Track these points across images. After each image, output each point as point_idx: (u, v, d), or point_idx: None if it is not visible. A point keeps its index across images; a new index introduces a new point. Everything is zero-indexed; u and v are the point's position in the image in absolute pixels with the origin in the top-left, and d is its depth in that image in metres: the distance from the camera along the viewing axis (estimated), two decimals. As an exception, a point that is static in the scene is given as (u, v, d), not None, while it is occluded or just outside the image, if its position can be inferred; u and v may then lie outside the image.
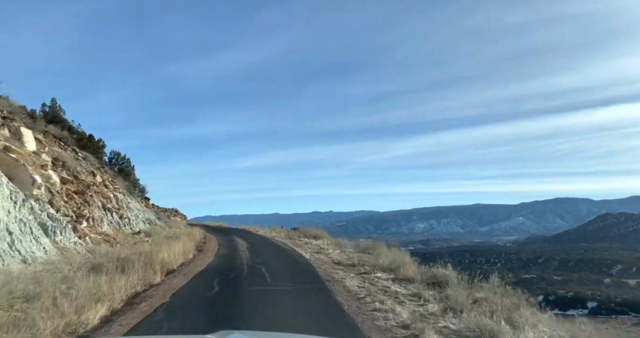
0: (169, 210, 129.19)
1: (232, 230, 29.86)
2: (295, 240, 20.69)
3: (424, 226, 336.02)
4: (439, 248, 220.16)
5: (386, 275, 9.42)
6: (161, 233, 20.43)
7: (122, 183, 24.98)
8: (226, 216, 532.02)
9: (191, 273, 9.56)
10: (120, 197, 20.15)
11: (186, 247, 14.03)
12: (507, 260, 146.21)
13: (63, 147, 18.52)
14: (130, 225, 19.60)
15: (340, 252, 15.02)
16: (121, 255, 9.92)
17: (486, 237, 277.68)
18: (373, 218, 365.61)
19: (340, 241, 18.68)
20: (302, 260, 12.62)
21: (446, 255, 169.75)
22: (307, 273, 9.80)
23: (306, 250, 15.32)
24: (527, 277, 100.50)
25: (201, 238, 20.24)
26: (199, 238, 19.46)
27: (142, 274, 8.20)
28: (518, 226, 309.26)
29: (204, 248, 15.96)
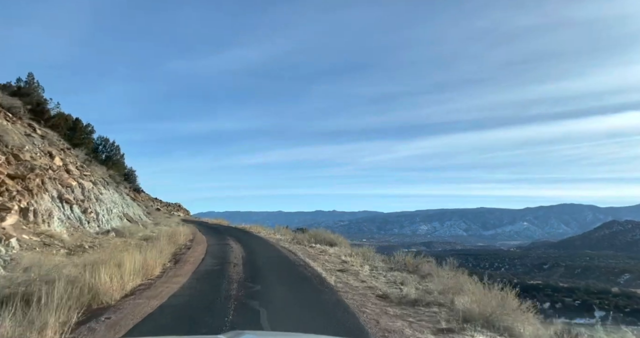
0: (172, 205, 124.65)
1: (230, 230, 25.17)
2: (306, 247, 16.31)
3: (427, 228, 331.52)
4: (441, 251, 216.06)
5: (489, 334, 4.93)
6: (138, 233, 16.23)
7: (100, 171, 20.88)
8: (230, 212, 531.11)
9: (122, 326, 4.84)
10: (88, 186, 15.67)
11: (160, 255, 9.68)
12: (511, 265, 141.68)
13: (10, 119, 14.15)
14: (97, 222, 15.26)
15: (371, 269, 10.53)
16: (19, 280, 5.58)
17: (490, 241, 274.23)
18: (376, 218, 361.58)
19: (366, 251, 13.96)
20: (326, 287, 7.62)
21: (449, 259, 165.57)
22: (344, 325, 5.19)
23: (324, 266, 10.79)
24: (532, 283, 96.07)
25: (187, 240, 16.14)
26: (183, 241, 15.33)
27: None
28: (522, 231, 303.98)
29: (184, 258, 11.53)
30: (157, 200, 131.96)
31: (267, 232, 23.61)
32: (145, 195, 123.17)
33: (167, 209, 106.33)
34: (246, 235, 21.64)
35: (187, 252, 13.05)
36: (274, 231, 24.09)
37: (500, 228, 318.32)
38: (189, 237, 17.23)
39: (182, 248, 13.95)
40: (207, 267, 9.78)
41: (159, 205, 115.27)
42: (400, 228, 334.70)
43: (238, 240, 17.53)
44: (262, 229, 25.60)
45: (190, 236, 17.57)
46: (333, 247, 15.92)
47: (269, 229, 25.93)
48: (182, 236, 16.17)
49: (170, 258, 11.21)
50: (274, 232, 23.65)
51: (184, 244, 14.84)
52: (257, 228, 26.07)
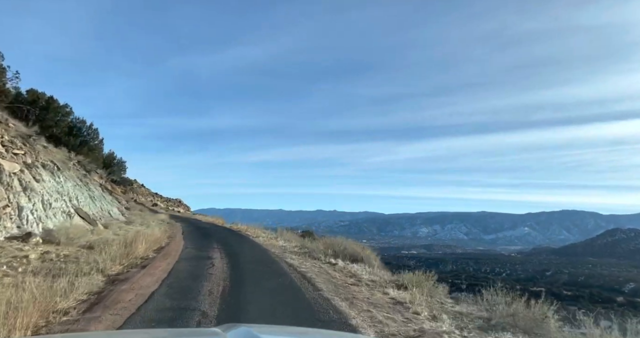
0: (173, 200, 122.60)
1: (222, 233, 19.90)
2: (324, 264, 11.16)
3: (427, 231, 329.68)
4: (442, 254, 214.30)
5: None
6: (83, 237, 11.47)
7: (61, 155, 17.03)
8: (230, 209, 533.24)
9: None
10: (11, 169, 11.28)
11: (53, 295, 5.78)
12: (513, 271, 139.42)
13: None
14: (19, 220, 10.52)
15: (461, 327, 5.80)
16: None
17: (490, 246, 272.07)
18: (377, 220, 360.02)
19: (419, 280, 8.76)
20: None
21: (450, 262, 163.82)
22: None
23: (374, 320, 5.69)
24: (535, 289, 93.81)
25: (153, 250, 11.38)
26: (143, 253, 10.40)
27: None
28: (523, 236, 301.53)
29: (109, 299, 6.18)
30: (157, 195, 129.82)
31: (268, 236, 18.48)
32: (146, 190, 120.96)
33: (167, 205, 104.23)
34: (241, 240, 16.37)
35: (131, 278, 7.66)
36: (276, 235, 19.12)
37: (501, 233, 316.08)
38: (160, 243, 12.58)
39: (130, 267, 8.85)
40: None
41: (158, 200, 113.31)
42: (400, 230, 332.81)
43: (228, 250, 12.48)
44: (262, 232, 20.90)
45: (162, 242, 12.95)
46: (358, 263, 11.32)
47: (269, 232, 21.15)
48: (147, 243, 11.29)
49: (81, 298, 5.88)
50: (277, 236, 18.56)
51: (141, 258, 9.94)
52: (255, 231, 21.00)
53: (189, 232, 18.17)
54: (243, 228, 22.95)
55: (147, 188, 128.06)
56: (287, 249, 14.41)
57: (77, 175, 16.49)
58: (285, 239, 17.20)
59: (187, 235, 16.40)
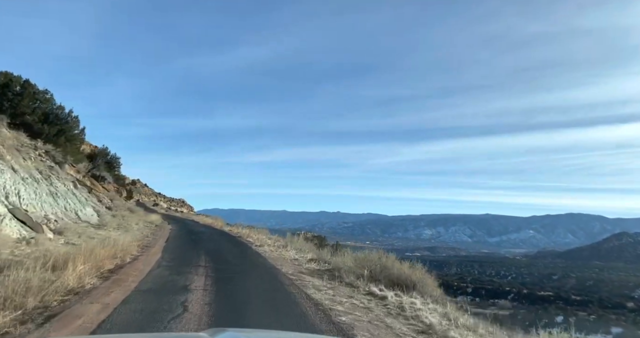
0: (176, 201, 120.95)
1: (219, 240, 15.94)
2: (359, 293, 7.34)
3: (431, 233, 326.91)
4: (446, 256, 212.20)
5: None
6: (3, 250, 7.73)
7: (13, 141, 14.07)
8: (234, 210, 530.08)
9: None
10: None
11: None
12: (518, 274, 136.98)
13: None
14: None
15: None
16: None
17: (495, 248, 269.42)
18: (380, 221, 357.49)
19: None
20: None
21: (454, 265, 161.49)
22: None
23: None
24: (542, 294, 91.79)
25: (86, 280, 6.93)
26: (70, 283, 5.98)
27: None
28: (528, 239, 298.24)
29: None
30: (160, 195, 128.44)
31: (274, 244, 14.76)
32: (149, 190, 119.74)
33: (170, 205, 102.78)
34: (240, 252, 12.25)
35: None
36: (284, 242, 15.16)
37: (505, 236, 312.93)
38: (124, 257, 8.66)
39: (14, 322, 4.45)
40: None
41: (161, 200, 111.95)
42: (404, 232, 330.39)
43: (219, 272, 8.46)
44: (267, 237, 17.01)
45: (129, 255, 9.04)
46: (412, 293, 7.61)
47: (276, 237, 17.40)
48: (99, 260, 7.43)
49: None
50: (285, 244, 14.59)
51: (64, 292, 5.71)
52: (258, 236, 17.00)
53: (176, 238, 14.60)
54: (244, 232, 18.86)
55: (150, 188, 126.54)
56: (303, 266, 10.26)
57: (36, 166, 13.56)
58: (297, 248, 13.32)
59: (172, 244, 12.37)
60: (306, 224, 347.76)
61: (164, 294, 6.13)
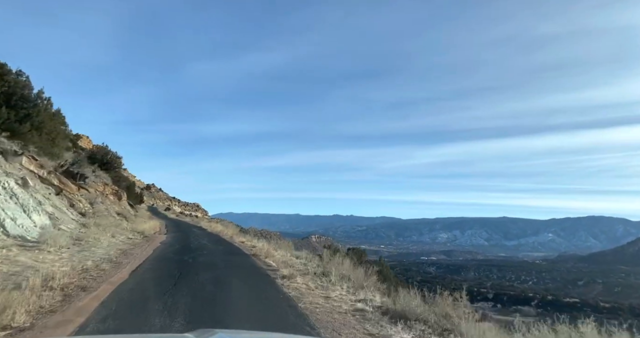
0: (190, 205, 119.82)
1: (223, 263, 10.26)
2: None
3: (447, 236, 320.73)
4: (462, 260, 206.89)
5: None
6: None
7: None
8: (248, 214, 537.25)
9: None
10: None
11: None
12: (539, 279, 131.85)
13: None
14: None
15: None
16: None
17: (512, 252, 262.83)
18: (394, 225, 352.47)
19: None
20: None
21: (472, 269, 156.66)
22: None
23: None
24: (568, 301, 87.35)
25: None
26: None
27: None
28: (547, 243, 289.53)
29: None
30: (174, 199, 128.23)
31: (309, 271, 9.23)
32: (164, 194, 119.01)
33: (184, 209, 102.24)
34: (258, 298, 6.38)
35: None
36: (321, 265, 10.00)
37: (523, 239, 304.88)
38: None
39: None
40: None
41: (175, 204, 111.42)
42: (419, 235, 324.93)
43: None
44: (293, 255, 12.10)
45: None
46: None
47: (306, 255, 12.19)
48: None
49: None
50: (324, 269, 9.21)
51: None
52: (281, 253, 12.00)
53: (158, 261, 9.42)
54: (262, 248, 13.25)
55: (165, 193, 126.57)
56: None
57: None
58: (342, 276, 8.27)
59: (136, 280, 6.88)
60: (319, 228, 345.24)
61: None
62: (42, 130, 13.38)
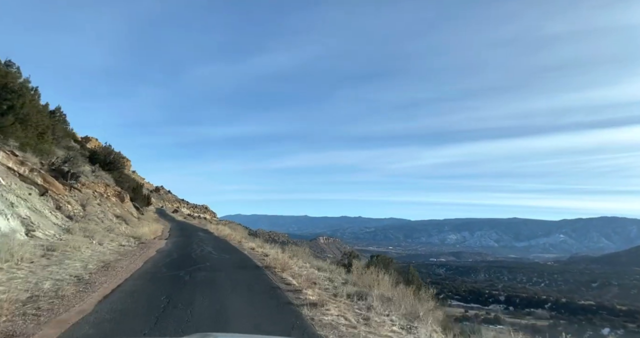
0: (199, 207, 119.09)
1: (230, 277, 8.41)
2: None
3: (456, 238, 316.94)
4: (472, 262, 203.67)
5: None
6: None
7: None
8: (256, 216, 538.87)
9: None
10: None
11: None
12: (552, 281, 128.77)
13: None
14: None
15: None
16: None
17: (523, 253, 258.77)
18: (403, 226, 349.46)
19: None
20: None
21: (482, 271, 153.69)
22: None
23: None
24: (583, 303, 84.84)
25: None
26: None
27: None
28: (558, 244, 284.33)
29: None
30: (183, 201, 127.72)
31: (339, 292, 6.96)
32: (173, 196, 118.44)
33: (193, 211, 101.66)
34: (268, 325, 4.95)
35: None
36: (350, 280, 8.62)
37: (534, 240, 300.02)
38: None
39: None
40: None
41: (184, 206, 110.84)
42: (427, 236, 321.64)
43: None
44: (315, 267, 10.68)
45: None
46: None
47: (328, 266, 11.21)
48: None
49: None
50: (360, 288, 7.45)
51: None
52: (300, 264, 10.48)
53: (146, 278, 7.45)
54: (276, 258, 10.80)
55: (173, 195, 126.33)
56: None
57: None
58: (386, 299, 6.57)
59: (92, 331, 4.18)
60: (327, 229, 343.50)
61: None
62: (28, 123, 12.05)
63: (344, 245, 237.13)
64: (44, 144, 12.35)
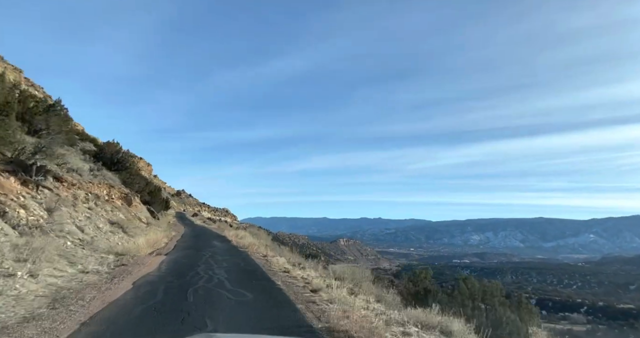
0: (220, 210, 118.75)
1: None
2: None
3: (479, 238, 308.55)
4: (497, 263, 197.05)
5: None
6: None
7: None
8: (276, 218, 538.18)
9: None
10: None
11: None
12: (584, 283, 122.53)
13: None
14: None
15: None
16: None
17: (550, 254, 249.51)
18: (424, 227, 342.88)
19: None
20: None
21: (509, 272, 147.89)
22: None
23: None
24: (622, 307, 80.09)
25: None
26: None
27: None
28: (588, 244, 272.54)
29: None
30: (204, 205, 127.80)
31: None
32: (194, 200, 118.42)
33: (213, 214, 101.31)
34: None
35: None
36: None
37: (562, 240, 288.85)
38: None
39: None
40: None
41: (205, 210, 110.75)
42: (450, 237, 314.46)
43: None
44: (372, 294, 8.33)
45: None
46: None
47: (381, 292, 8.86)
48: None
49: None
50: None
51: None
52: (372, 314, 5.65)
53: None
54: (331, 295, 6.91)
55: (195, 199, 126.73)
56: None
57: None
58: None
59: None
60: (347, 231, 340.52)
61: None
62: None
63: (364, 246, 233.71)
64: (5, 130, 8.94)
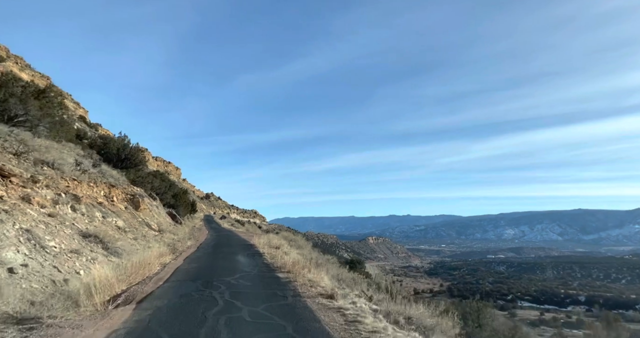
0: (248, 212, 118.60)
1: None
2: None
3: (514, 232, 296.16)
4: (535, 257, 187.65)
5: None
6: None
7: None
8: (304, 218, 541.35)
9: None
10: None
11: None
12: (634, 277, 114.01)
13: None
14: None
15: None
16: None
17: (592, 247, 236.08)
18: (455, 223, 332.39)
19: None
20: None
21: (549, 267, 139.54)
22: None
23: None
24: (685, 303, 72.97)
25: None
26: None
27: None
28: (634, 235, 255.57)
29: None
30: (233, 207, 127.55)
31: None
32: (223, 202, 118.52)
33: (243, 216, 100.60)
34: None
35: None
36: None
37: (604, 232, 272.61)
38: None
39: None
40: None
41: (234, 212, 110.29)
42: (482, 232, 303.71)
43: None
44: None
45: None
46: None
47: None
48: None
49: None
50: None
51: None
52: None
53: None
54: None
55: (223, 201, 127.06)
56: None
57: None
58: None
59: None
60: (375, 229, 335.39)
61: None
62: None
63: (394, 244, 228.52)
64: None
